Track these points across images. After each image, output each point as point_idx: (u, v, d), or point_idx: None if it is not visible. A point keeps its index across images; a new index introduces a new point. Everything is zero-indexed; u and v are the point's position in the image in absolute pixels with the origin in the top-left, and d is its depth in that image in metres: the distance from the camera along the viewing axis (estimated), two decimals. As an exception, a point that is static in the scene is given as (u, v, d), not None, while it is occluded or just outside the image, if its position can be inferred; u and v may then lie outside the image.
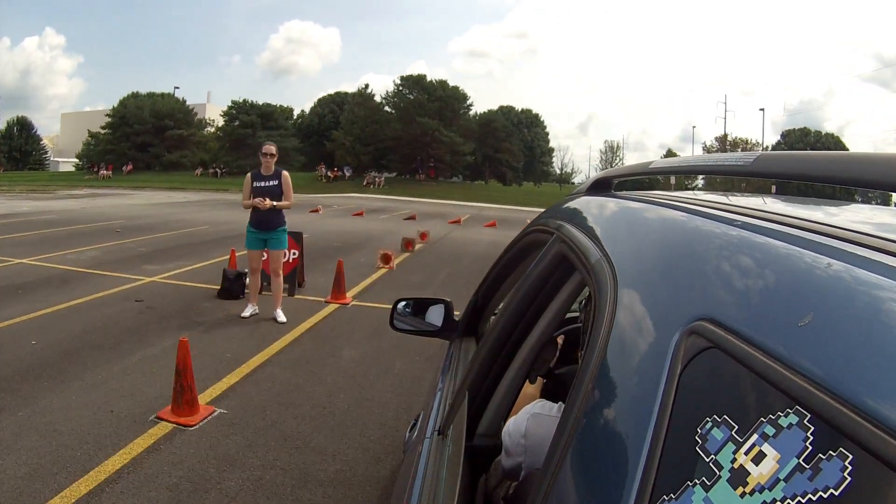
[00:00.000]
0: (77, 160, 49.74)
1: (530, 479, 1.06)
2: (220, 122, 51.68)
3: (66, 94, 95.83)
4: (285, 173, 5.32)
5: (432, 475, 1.12)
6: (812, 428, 0.36)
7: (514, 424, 1.12)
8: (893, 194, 0.51)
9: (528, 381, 1.32)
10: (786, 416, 0.38)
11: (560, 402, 1.13)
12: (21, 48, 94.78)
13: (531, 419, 1.11)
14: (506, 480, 1.15)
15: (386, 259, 8.95)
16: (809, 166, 0.58)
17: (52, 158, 55.06)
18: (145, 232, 12.09)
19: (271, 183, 5.28)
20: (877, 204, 1.24)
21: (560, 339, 1.72)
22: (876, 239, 0.51)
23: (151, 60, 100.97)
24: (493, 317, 1.89)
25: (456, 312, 2.00)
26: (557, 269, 1.11)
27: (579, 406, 0.61)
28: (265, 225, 5.32)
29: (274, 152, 5.30)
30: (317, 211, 20.62)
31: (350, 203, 27.34)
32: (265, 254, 5.57)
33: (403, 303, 2.07)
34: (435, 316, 2.01)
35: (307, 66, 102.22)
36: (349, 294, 6.80)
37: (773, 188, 11.72)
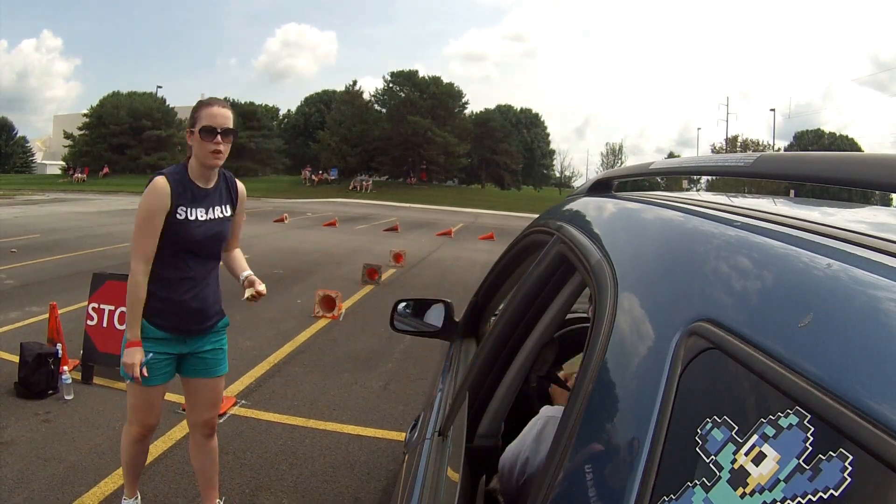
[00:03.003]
0: (63, 163, 46.43)
1: (530, 480, 1.07)
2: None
3: (63, 96, 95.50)
4: (240, 184, 2.27)
5: (432, 476, 1.12)
6: (812, 428, 0.36)
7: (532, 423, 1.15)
8: (893, 194, 0.51)
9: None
10: (786, 416, 0.38)
11: None
12: (19, 50, 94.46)
13: (549, 421, 1.12)
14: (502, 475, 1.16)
15: (328, 304, 5.93)
16: (809, 167, 0.58)
17: (40, 161, 52.88)
18: (45, 253, 9.12)
19: (223, 212, 2.16)
20: (877, 204, 1.24)
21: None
22: (875, 239, 0.51)
23: (149, 63, 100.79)
24: (493, 317, 1.88)
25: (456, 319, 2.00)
26: (558, 269, 1.11)
27: (580, 406, 0.61)
28: (201, 318, 2.12)
29: (231, 124, 2.11)
30: (282, 220, 17.17)
31: (328, 210, 23.63)
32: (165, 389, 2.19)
33: (404, 303, 2.08)
34: (435, 317, 2.01)
35: (304, 69, 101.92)
36: (236, 387, 3.92)
37: (792, 192, 11.67)
